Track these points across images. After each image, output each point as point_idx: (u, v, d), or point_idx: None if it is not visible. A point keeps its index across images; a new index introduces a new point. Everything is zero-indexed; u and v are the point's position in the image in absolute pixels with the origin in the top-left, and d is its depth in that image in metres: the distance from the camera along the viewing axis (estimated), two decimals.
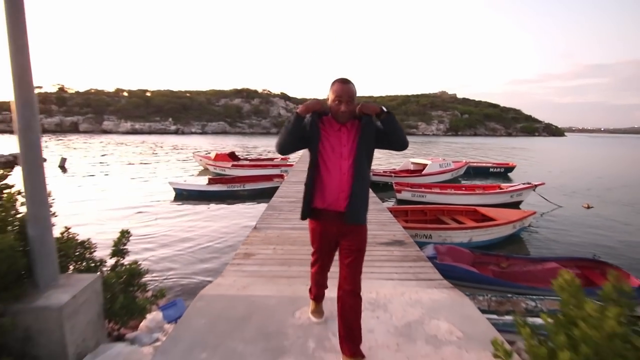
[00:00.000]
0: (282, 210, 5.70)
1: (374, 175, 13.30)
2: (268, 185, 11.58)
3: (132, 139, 50.31)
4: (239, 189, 11.66)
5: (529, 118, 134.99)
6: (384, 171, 14.33)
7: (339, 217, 1.85)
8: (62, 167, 18.16)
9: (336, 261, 2.06)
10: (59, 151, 26.74)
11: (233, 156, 17.49)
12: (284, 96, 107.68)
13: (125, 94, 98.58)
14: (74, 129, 76.36)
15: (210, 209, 9.80)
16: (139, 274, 2.59)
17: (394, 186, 10.50)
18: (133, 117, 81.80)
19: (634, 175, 20.09)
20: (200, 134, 79.99)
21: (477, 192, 10.37)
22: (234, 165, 15.63)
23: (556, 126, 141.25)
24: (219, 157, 16.48)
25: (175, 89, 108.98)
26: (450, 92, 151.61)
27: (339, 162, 1.83)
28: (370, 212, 2.25)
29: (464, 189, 11.09)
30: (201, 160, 17.83)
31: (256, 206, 9.92)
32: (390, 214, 5.62)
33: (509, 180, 15.13)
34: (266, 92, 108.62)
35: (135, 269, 2.58)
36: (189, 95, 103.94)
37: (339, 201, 1.84)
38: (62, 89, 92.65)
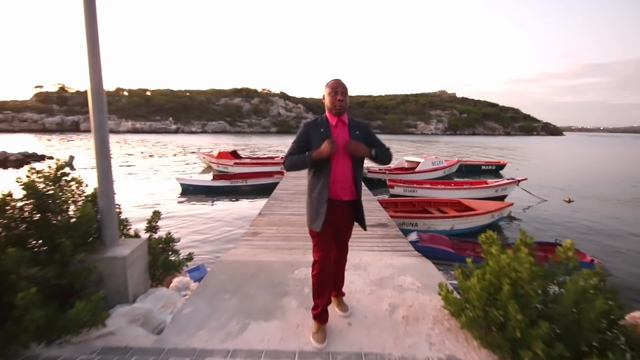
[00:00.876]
0: (283, 200, 6.42)
1: (369, 172, 14.02)
2: (269, 181, 12.27)
3: (133, 138, 50.95)
4: (241, 184, 12.37)
5: (527, 117, 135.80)
6: (379, 169, 15.02)
7: (342, 206, 2.20)
8: (71, 165, 18.82)
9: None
10: (63, 150, 27.42)
11: (235, 154, 18.19)
12: (283, 95, 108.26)
13: (126, 93, 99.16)
14: (75, 128, 76.90)
15: (216, 202, 10.52)
16: (172, 241, 3.30)
17: (387, 182, 11.21)
18: (134, 117, 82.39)
19: (619, 172, 20.84)
20: (201, 133, 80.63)
21: (464, 187, 11.10)
22: (236, 163, 16.32)
23: (554, 125, 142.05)
24: (221, 155, 17.18)
25: (175, 88, 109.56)
26: (449, 91, 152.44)
27: (341, 157, 2.13)
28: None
29: (453, 184, 11.80)
30: (204, 158, 18.53)
31: (258, 200, 10.64)
32: (378, 204, 6.34)
33: (500, 177, 15.85)
34: (266, 91, 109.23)
35: (169, 237, 3.29)
36: (189, 94, 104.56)
37: (343, 190, 2.17)
38: (62, 89, 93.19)
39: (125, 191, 11.79)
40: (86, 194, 2.85)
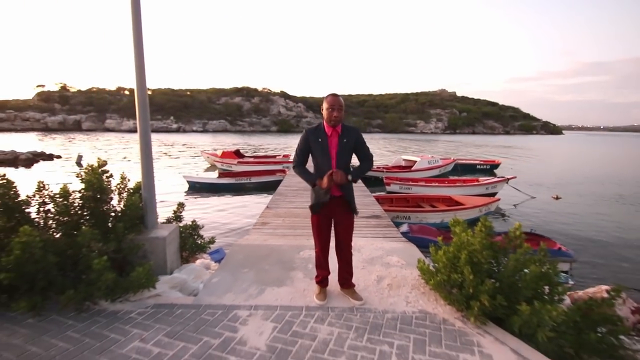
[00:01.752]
0: (287, 196, 7.05)
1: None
2: (272, 179, 12.90)
3: (135, 137, 51.49)
4: (245, 182, 13.00)
5: (527, 116, 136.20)
6: (377, 167, 15.64)
7: (334, 200, 2.65)
8: (79, 164, 19.43)
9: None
10: (69, 149, 28.04)
11: (238, 153, 18.81)
12: (283, 94, 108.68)
13: (127, 92, 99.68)
14: (76, 127, 77.46)
15: (222, 198, 11.16)
16: (197, 227, 3.93)
17: (384, 180, 11.81)
18: (135, 116, 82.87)
19: (611, 171, 21.46)
20: (202, 132, 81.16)
21: (457, 184, 11.72)
22: (239, 162, 16.94)
23: (554, 124, 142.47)
24: (225, 155, 17.80)
25: (176, 87, 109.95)
26: (450, 89, 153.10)
27: (329, 163, 2.60)
28: (357, 197, 2.95)
29: (446, 182, 12.42)
30: (208, 157, 19.15)
31: (262, 196, 11.27)
32: (374, 199, 6.97)
33: (495, 176, 16.47)
34: (266, 90, 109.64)
35: (195, 224, 3.93)
36: (189, 93, 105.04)
37: (333, 187, 2.59)
38: (64, 88, 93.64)
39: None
40: (130, 186, 3.47)
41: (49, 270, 2.59)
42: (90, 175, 3.08)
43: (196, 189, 12.42)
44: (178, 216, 4.17)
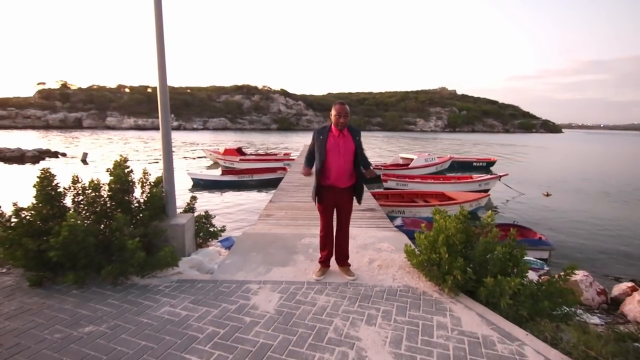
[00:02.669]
0: (289, 191, 7.52)
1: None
2: (273, 176, 13.35)
3: (137, 134, 51.97)
4: (248, 179, 13.46)
5: (526, 115, 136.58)
6: (375, 165, 16.10)
7: (339, 191, 3.15)
8: (84, 161, 19.90)
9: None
10: (73, 147, 28.48)
11: (240, 151, 19.26)
12: (283, 92, 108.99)
13: (127, 90, 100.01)
14: (77, 125, 77.87)
15: (226, 195, 11.63)
16: (210, 217, 4.40)
17: (382, 177, 12.28)
18: (136, 113, 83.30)
19: (602, 168, 21.94)
20: (202, 130, 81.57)
21: (451, 181, 12.19)
22: (242, 160, 17.40)
23: (553, 123, 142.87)
24: (227, 152, 18.25)
25: (176, 85, 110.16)
26: (450, 88, 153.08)
27: (338, 158, 3.05)
28: None
29: (441, 179, 12.90)
30: (211, 154, 19.60)
31: (263, 192, 11.74)
32: (370, 194, 7.43)
33: (490, 173, 16.93)
34: (266, 88, 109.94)
35: (208, 214, 4.40)
36: (190, 91, 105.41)
37: (339, 180, 3.11)
38: (65, 85, 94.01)
39: None
40: (150, 180, 3.93)
41: (89, 250, 3.06)
42: (118, 170, 3.54)
43: (200, 185, 12.89)
44: (191, 208, 4.64)
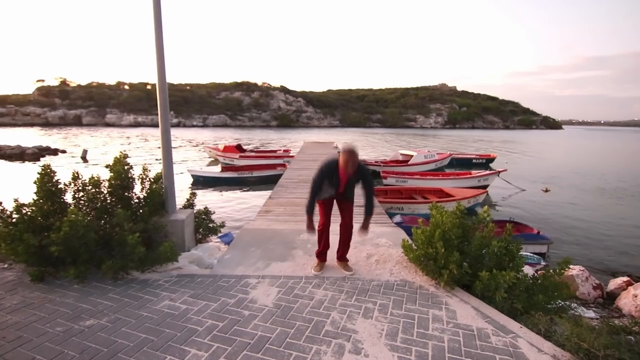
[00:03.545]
0: (288, 187, 7.56)
1: (365, 164, 15.07)
2: (273, 173, 13.37)
3: (136, 132, 51.88)
4: (247, 175, 13.48)
5: (527, 111, 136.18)
6: (375, 161, 16.13)
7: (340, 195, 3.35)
8: (84, 158, 19.90)
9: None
10: (73, 144, 28.48)
11: (240, 148, 19.26)
12: (283, 89, 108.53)
13: (127, 87, 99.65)
14: (77, 122, 77.65)
15: (226, 191, 11.66)
16: (209, 213, 4.43)
17: (381, 173, 12.30)
18: (135, 110, 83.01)
19: (600, 164, 21.96)
20: (202, 126, 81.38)
21: (450, 177, 12.22)
22: (241, 156, 17.41)
23: (553, 119, 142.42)
24: (227, 149, 18.25)
25: (175, 82, 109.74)
26: (450, 84, 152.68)
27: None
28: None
29: (440, 175, 12.92)
30: (210, 151, 19.61)
31: (263, 189, 11.76)
32: None
33: (490, 169, 16.95)
34: (266, 85, 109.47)
35: (207, 210, 4.43)
36: (189, 88, 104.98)
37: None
38: (64, 82, 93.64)
39: None
40: (151, 176, 3.96)
41: (90, 246, 3.10)
42: (118, 166, 3.57)
43: (200, 182, 12.91)
44: (191, 204, 4.67)
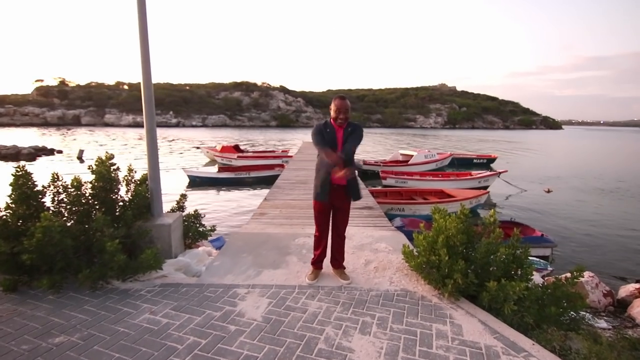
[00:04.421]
0: (285, 189, 7.33)
1: (365, 164, 14.87)
2: (270, 174, 13.14)
3: (135, 132, 51.61)
4: (245, 176, 13.26)
5: (526, 111, 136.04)
6: (375, 161, 15.90)
7: (335, 187, 2.91)
8: (80, 158, 19.66)
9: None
10: (70, 144, 28.23)
11: (237, 148, 19.03)
12: (283, 89, 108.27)
13: (126, 87, 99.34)
14: (76, 122, 77.36)
15: (222, 192, 11.43)
16: (199, 216, 4.21)
17: (380, 174, 12.07)
18: (134, 111, 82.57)
19: (600, 165, 21.74)
20: (201, 126, 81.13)
21: (451, 178, 12.00)
22: (239, 157, 17.18)
23: (553, 119, 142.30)
24: (224, 150, 18.02)
25: (175, 82, 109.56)
26: (450, 84, 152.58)
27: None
28: None
29: (440, 176, 12.70)
30: (208, 152, 19.38)
31: (260, 190, 11.53)
32: (368, 192, 7.24)
33: (491, 170, 16.74)
34: (265, 85, 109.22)
35: (197, 213, 4.20)
36: (188, 88, 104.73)
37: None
38: (63, 82, 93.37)
39: None
40: (136, 178, 3.74)
41: (66, 253, 2.87)
42: (101, 167, 3.35)
43: (197, 182, 12.69)
44: (181, 206, 4.44)
